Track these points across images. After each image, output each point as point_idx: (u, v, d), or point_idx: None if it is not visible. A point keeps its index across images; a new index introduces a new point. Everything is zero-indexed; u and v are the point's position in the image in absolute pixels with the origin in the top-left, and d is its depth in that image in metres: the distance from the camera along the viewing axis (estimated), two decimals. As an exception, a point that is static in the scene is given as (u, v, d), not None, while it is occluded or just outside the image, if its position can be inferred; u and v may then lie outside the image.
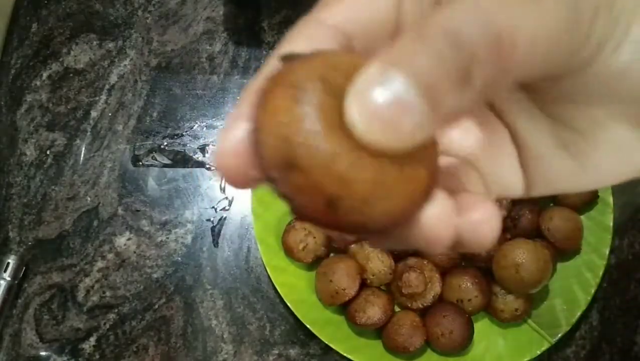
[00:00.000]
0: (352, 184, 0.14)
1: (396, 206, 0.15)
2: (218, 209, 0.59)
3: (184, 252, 0.57)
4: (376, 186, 0.14)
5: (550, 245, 0.52)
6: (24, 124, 0.61)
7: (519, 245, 0.50)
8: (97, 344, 0.55)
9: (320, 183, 0.14)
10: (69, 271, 0.57)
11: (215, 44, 0.63)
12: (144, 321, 0.56)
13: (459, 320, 0.51)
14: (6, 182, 0.60)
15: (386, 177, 0.14)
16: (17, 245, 0.58)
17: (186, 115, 0.61)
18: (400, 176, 0.14)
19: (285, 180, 0.14)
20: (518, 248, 0.50)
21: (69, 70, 0.62)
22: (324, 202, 0.14)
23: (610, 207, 0.55)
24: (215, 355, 0.55)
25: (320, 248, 0.53)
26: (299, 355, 0.55)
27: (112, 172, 0.60)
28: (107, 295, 0.56)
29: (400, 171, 0.14)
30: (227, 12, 0.64)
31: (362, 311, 0.51)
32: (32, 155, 0.60)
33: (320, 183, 0.14)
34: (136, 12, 0.64)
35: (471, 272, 0.52)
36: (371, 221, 0.14)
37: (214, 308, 0.56)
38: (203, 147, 0.60)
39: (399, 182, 0.14)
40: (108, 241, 0.58)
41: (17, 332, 0.56)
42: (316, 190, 0.14)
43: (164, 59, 0.63)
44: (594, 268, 0.53)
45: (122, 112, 0.61)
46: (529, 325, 0.53)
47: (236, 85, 0.62)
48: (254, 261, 0.57)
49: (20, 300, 0.56)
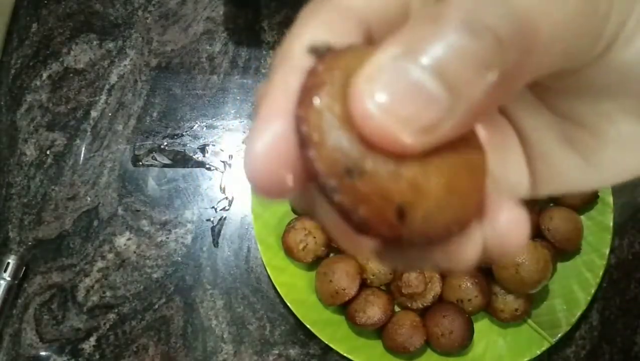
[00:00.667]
0: (425, 190, 0.13)
1: (465, 214, 0.14)
2: (218, 209, 0.59)
3: (184, 252, 0.57)
4: (449, 191, 0.13)
5: (550, 245, 0.52)
6: (24, 124, 0.61)
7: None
8: (97, 344, 0.55)
9: (389, 191, 0.12)
10: (69, 272, 0.57)
11: (215, 44, 0.63)
12: (144, 321, 0.56)
13: (459, 320, 0.51)
14: (6, 182, 0.60)
15: (458, 181, 0.13)
16: (17, 245, 0.58)
17: (186, 115, 0.61)
18: (470, 181, 0.13)
19: (345, 188, 0.12)
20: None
21: (69, 70, 0.62)
22: (393, 210, 0.12)
23: (610, 207, 0.55)
24: (215, 355, 0.55)
25: (320, 248, 0.53)
26: (299, 355, 0.55)
27: (112, 172, 0.60)
28: (107, 295, 0.56)
29: (470, 176, 0.13)
30: (227, 12, 0.64)
31: (362, 311, 0.51)
32: (32, 155, 0.60)
33: (389, 191, 0.12)
34: (136, 12, 0.64)
35: (471, 272, 0.52)
36: (437, 231, 0.13)
37: (214, 308, 0.56)
38: (203, 147, 0.60)
39: (469, 189, 0.13)
40: (108, 241, 0.58)
41: (17, 332, 0.56)
42: (384, 198, 0.12)
43: (164, 59, 0.63)
44: (594, 268, 0.53)
45: (122, 112, 0.61)
46: (529, 325, 0.53)
47: (236, 85, 0.62)
48: (254, 261, 0.57)
49: (20, 300, 0.56)
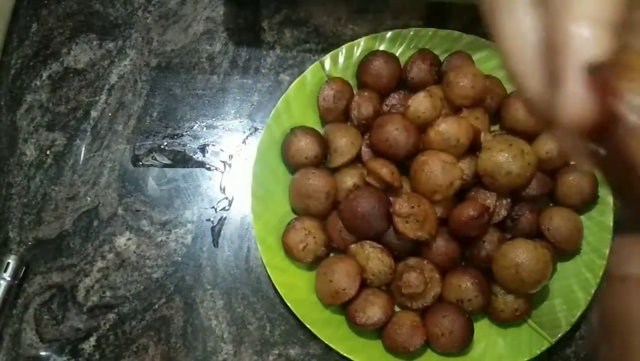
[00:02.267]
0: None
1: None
2: (218, 209, 0.59)
3: (184, 252, 0.57)
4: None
5: (550, 245, 0.52)
6: (24, 124, 0.61)
7: (519, 245, 0.50)
8: (97, 344, 0.55)
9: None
10: (69, 271, 0.57)
11: (215, 44, 0.63)
12: (144, 321, 0.56)
13: (459, 320, 0.51)
14: (6, 182, 0.60)
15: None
16: (17, 245, 0.58)
17: (186, 115, 0.61)
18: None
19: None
20: (518, 248, 0.50)
21: (69, 70, 0.62)
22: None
23: (610, 207, 0.55)
24: (215, 355, 0.55)
25: (320, 248, 0.53)
26: (299, 355, 0.55)
27: (112, 172, 0.60)
28: (107, 295, 0.56)
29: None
30: (227, 12, 0.64)
31: (362, 311, 0.51)
32: (32, 155, 0.60)
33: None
34: (136, 12, 0.64)
35: (471, 272, 0.52)
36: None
37: (214, 308, 0.56)
38: (203, 147, 0.60)
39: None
40: (108, 241, 0.58)
41: (17, 332, 0.56)
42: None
43: (164, 59, 0.63)
44: (594, 268, 0.53)
45: (122, 112, 0.61)
46: (529, 325, 0.53)
47: (236, 85, 0.62)
48: (254, 261, 0.57)
49: (20, 300, 0.56)
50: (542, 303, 0.54)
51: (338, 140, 0.55)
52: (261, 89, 0.61)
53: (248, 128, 0.61)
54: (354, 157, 0.55)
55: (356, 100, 0.56)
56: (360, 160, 0.56)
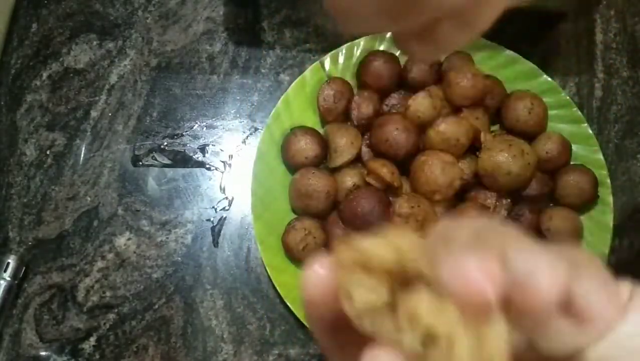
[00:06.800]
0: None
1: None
2: (218, 209, 0.59)
3: (184, 252, 0.57)
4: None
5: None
6: (24, 124, 0.61)
7: (519, 245, 0.50)
8: (97, 344, 0.55)
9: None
10: (69, 271, 0.57)
11: (215, 44, 0.63)
12: (144, 321, 0.56)
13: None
14: (6, 182, 0.60)
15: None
16: (17, 245, 0.58)
17: (186, 115, 0.61)
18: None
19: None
20: (518, 248, 0.50)
21: (69, 70, 0.63)
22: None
23: (610, 207, 0.55)
24: (215, 355, 0.55)
25: (320, 248, 0.53)
26: (299, 355, 0.55)
27: (112, 172, 0.60)
28: (107, 295, 0.56)
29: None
30: (227, 12, 0.64)
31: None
32: (32, 155, 0.60)
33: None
34: (136, 12, 0.64)
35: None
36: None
37: (214, 308, 0.56)
38: (203, 147, 0.60)
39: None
40: (108, 241, 0.58)
41: (17, 332, 0.56)
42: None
43: (164, 59, 0.63)
44: (594, 268, 0.53)
45: (122, 112, 0.61)
46: (529, 325, 0.53)
47: (236, 85, 0.62)
48: (254, 261, 0.57)
49: (20, 300, 0.56)
50: (542, 303, 0.54)
51: (338, 140, 0.55)
52: (261, 89, 0.61)
53: (248, 128, 0.61)
54: (354, 157, 0.55)
55: (356, 100, 0.56)
56: (360, 160, 0.56)
